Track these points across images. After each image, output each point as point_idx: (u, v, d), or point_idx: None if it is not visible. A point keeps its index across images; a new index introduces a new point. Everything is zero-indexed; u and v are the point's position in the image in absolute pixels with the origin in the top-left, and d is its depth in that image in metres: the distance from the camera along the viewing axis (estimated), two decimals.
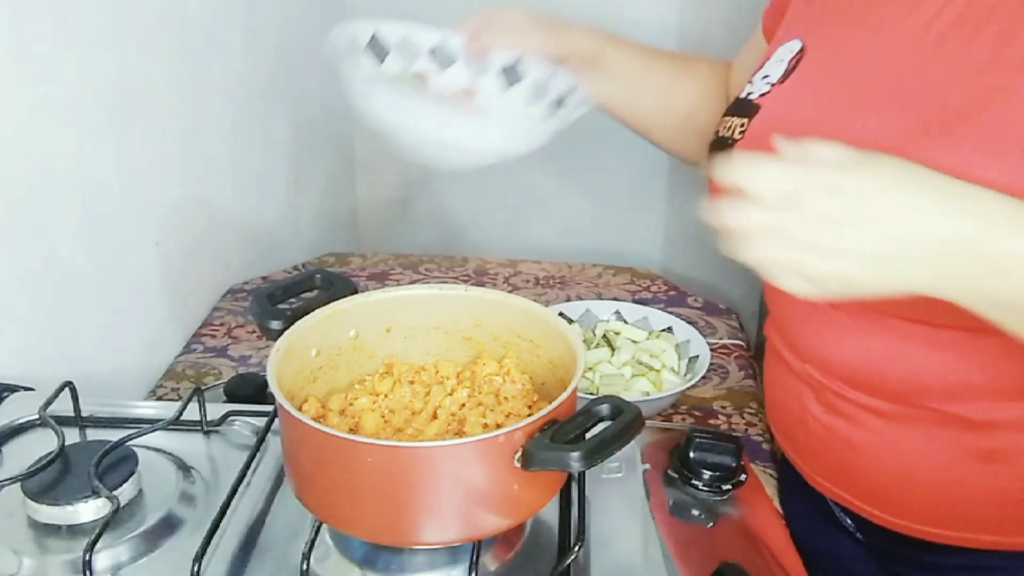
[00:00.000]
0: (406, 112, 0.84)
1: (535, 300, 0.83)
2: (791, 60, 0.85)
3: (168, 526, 0.78)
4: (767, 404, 1.00)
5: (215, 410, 0.92)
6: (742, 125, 0.86)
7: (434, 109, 0.86)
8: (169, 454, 0.86)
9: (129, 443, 0.82)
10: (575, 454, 0.65)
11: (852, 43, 0.82)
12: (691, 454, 0.85)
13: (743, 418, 1.15)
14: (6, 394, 0.94)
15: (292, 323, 0.79)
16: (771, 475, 1.03)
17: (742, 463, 0.85)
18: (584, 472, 0.80)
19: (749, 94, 0.88)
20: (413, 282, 1.51)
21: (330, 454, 0.68)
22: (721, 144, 0.88)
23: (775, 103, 0.85)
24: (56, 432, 0.82)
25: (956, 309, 0.62)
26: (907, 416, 0.80)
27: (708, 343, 1.16)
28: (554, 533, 0.78)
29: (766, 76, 0.87)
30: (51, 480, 0.78)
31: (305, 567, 0.71)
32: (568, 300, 1.42)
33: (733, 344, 1.32)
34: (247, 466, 0.83)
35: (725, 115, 0.90)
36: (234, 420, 0.92)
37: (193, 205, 1.34)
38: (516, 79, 0.98)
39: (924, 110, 0.73)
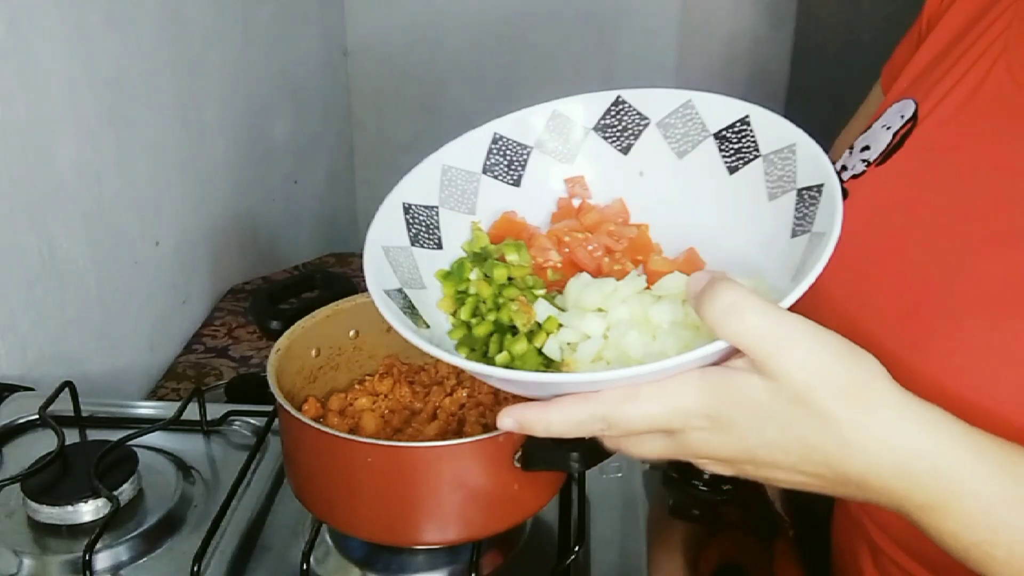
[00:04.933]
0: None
1: None
2: (899, 130, 0.68)
3: (168, 526, 0.78)
4: (832, 535, 0.79)
5: (215, 410, 0.92)
6: None
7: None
8: (169, 454, 0.86)
9: (129, 443, 0.82)
10: (575, 455, 0.65)
11: (975, 130, 0.64)
12: None
13: None
14: (6, 394, 0.94)
15: (292, 323, 0.78)
16: None
17: None
18: (584, 472, 0.80)
19: (843, 169, 0.71)
20: None
21: (330, 454, 0.68)
22: None
23: (866, 194, 0.68)
24: (56, 432, 0.82)
25: None
26: None
27: None
28: (554, 533, 0.78)
29: (866, 148, 0.70)
30: (51, 480, 0.78)
31: (305, 567, 0.71)
32: None
33: None
34: (247, 466, 0.83)
35: None
36: (234, 420, 0.92)
37: (193, 205, 1.34)
38: None
39: None
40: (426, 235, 0.62)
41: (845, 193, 0.68)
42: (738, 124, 0.61)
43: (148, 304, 1.22)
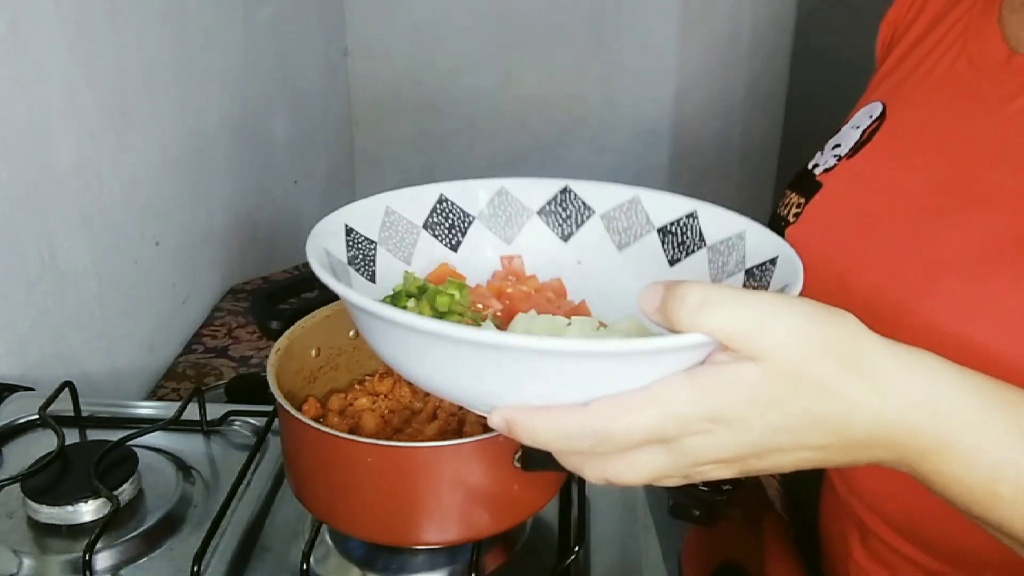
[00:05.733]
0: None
1: None
2: (867, 128, 0.74)
3: (168, 526, 0.78)
4: (820, 523, 0.82)
5: (215, 410, 0.92)
6: (799, 205, 0.74)
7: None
8: (169, 454, 0.86)
9: (129, 443, 0.82)
10: None
11: (940, 116, 0.69)
12: None
13: None
14: (6, 394, 0.94)
15: (292, 323, 0.79)
16: (772, 476, 1.03)
17: None
18: None
19: (815, 167, 0.75)
20: None
21: (330, 454, 0.68)
22: (775, 223, 0.75)
23: (839, 183, 0.72)
24: (56, 432, 0.82)
25: None
26: None
27: None
28: (554, 533, 0.78)
29: (837, 145, 0.75)
30: (51, 480, 0.78)
31: (305, 567, 0.71)
32: None
33: None
34: (247, 466, 0.83)
35: (788, 187, 0.77)
36: (234, 420, 0.92)
37: (193, 205, 1.34)
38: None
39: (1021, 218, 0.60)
40: (362, 263, 0.61)
41: (818, 186, 0.73)
42: (684, 219, 0.61)
43: (148, 304, 1.22)
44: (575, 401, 0.45)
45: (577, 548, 0.74)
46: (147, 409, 0.96)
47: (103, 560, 0.74)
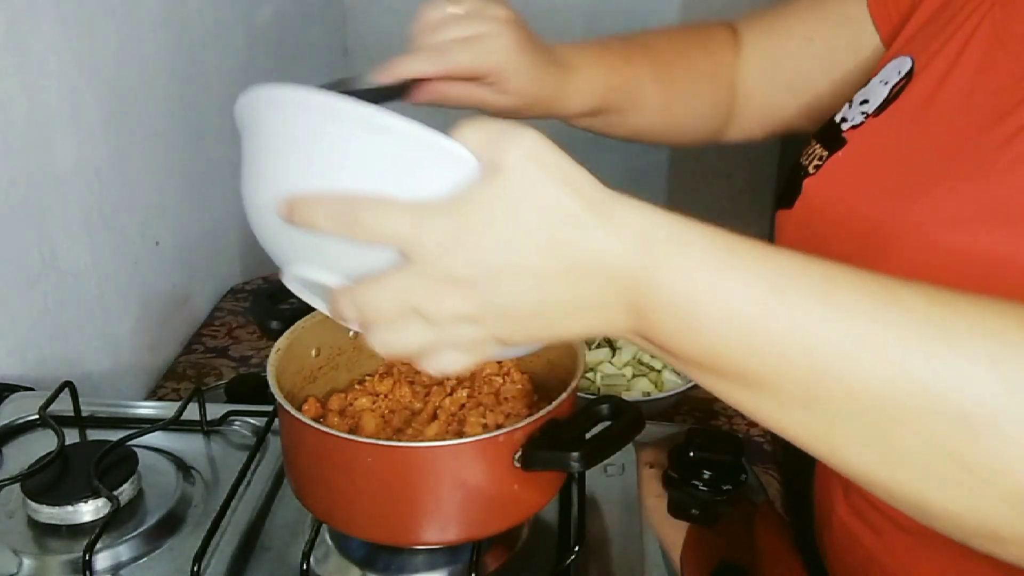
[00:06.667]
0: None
1: None
2: (896, 84, 0.74)
3: (168, 526, 0.78)
4: (812, 488, 0.85)
5: (215, 410, 0.92)
6: (820, 158, 0.75)
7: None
8: (169, 454, 0.86)
9: (129, 443, 0.82)
10: (575, 454, 0.65)
11: (960, 81, 0.70)
12: (691, 453, 0.85)
13: (744, 419, 1.15)
14: (6, 394, 0.94)
15: (292, 323, 0.79)
16: (772, 476, 1.03)
17: (742, 463, 0.85)
18: (584, 472, 0.80)
19: (843, 121, 0.77)
20: None
21: (330, 454, 0.68)
22: (796, 171, 0.77)
23: (863, 142, 0.74)
24: (56, 432, 0.82)
25: None
26: (937, 539, 0.66)
27: None
28: (554, 533, 0.78)
29: (865, 101, 0.76)
30: (51, 480, 0.78)
31: (305, 567, 0.71)
32: None
33: None
34: (247, 466, 0.83)
35: (813, 137, 0.78)
36: (234, 420, 0.92)
37: (193, 205, 1.34)
38: None
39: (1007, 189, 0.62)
40: None
41: (842, 142, 0.75)
42: None
43: (148, 304, 1.22)
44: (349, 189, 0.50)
45: (577, 548, 0.74)
46: (147, 409, 0.96)
47: (103, 560, 0.74)
